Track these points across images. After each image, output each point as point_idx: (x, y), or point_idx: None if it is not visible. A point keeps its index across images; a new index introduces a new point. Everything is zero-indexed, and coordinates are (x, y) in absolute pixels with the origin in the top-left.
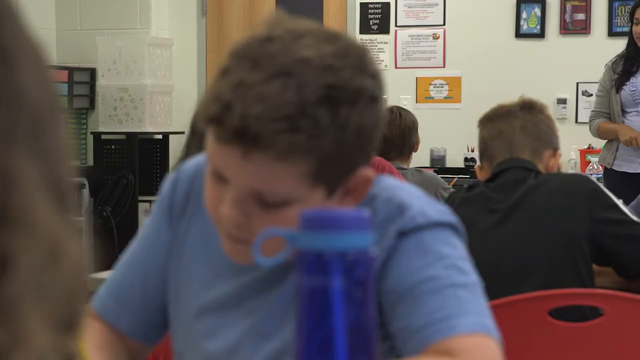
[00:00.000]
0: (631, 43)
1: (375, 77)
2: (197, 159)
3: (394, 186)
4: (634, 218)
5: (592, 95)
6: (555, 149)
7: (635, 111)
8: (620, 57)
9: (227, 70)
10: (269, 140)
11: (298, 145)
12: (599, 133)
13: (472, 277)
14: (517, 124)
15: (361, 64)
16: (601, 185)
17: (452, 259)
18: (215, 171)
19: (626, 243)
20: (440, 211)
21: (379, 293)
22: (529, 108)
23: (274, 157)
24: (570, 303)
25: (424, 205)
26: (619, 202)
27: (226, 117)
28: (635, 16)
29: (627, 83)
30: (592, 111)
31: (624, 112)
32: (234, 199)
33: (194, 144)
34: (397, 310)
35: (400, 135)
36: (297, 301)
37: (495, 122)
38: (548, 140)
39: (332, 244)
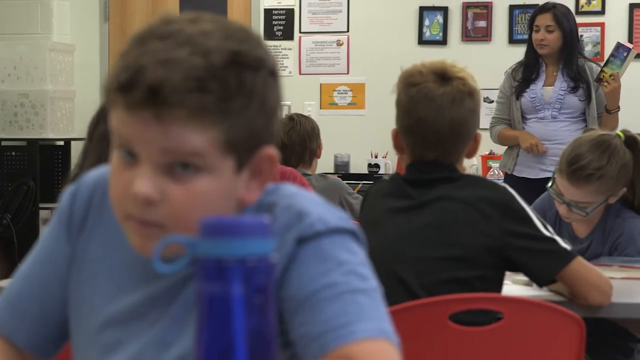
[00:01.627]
0: (530, 50)
1: (272, 55)
2: (98, 171)
3: (294, 193)
4: (545, 233)
5: (493, 101)
6: (476, 133)
7: (535, 118)
8: (519, 64)
9: (131, 47)
10: (180, 99)
11: (208, 106)
12: (499, 139)
13: (372, 282)
14: (446, 122)
15: (259, 40)
16: (517, 197)
17: (352, 265)
18: (124, 146)
19: (534, 257)
20: (340, 217)
21: (279, 301)
22: (459, 101)
23: (186, 115)
24: (470, 307)
25: (323, 212)
26: (533, 215)
27: (138, 81)
28: (536, 23)
29: (527, 90)
30: (492, 118)
31: (524, 118)
32: (146, 170)
33: (91, 150)
34: (297, 317)
35: (299, 141)
36: (197, 309)
37: (420, 110)
38: (472, 130)
39: (232, 250)
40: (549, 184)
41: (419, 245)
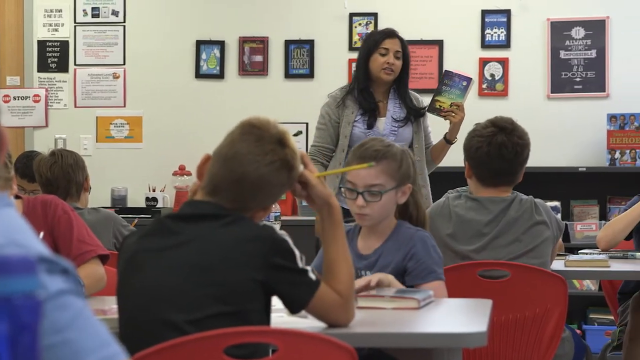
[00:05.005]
0: (364, 74)
1: None
2: None
3: None
4: (299, 265)
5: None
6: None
7: None
8: (345, 90)
9: None
10: None
11: None
12: None
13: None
14: (237, 174)
15: None
16: (278, 230)
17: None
18: None
19: (290, 289)
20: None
21: None
22: (281, 140)
23: None
24: (245, 340)
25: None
26: (292, 246)
27: None
28: (384, 46)
29: (358, 119)
30: (311, 146)
31: (350, 148)
32: None
33: None
34: None
35: (63, 175)
36: None
37: (225, 156)
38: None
39: None
40: (338, 183)
41: (183, 283)
